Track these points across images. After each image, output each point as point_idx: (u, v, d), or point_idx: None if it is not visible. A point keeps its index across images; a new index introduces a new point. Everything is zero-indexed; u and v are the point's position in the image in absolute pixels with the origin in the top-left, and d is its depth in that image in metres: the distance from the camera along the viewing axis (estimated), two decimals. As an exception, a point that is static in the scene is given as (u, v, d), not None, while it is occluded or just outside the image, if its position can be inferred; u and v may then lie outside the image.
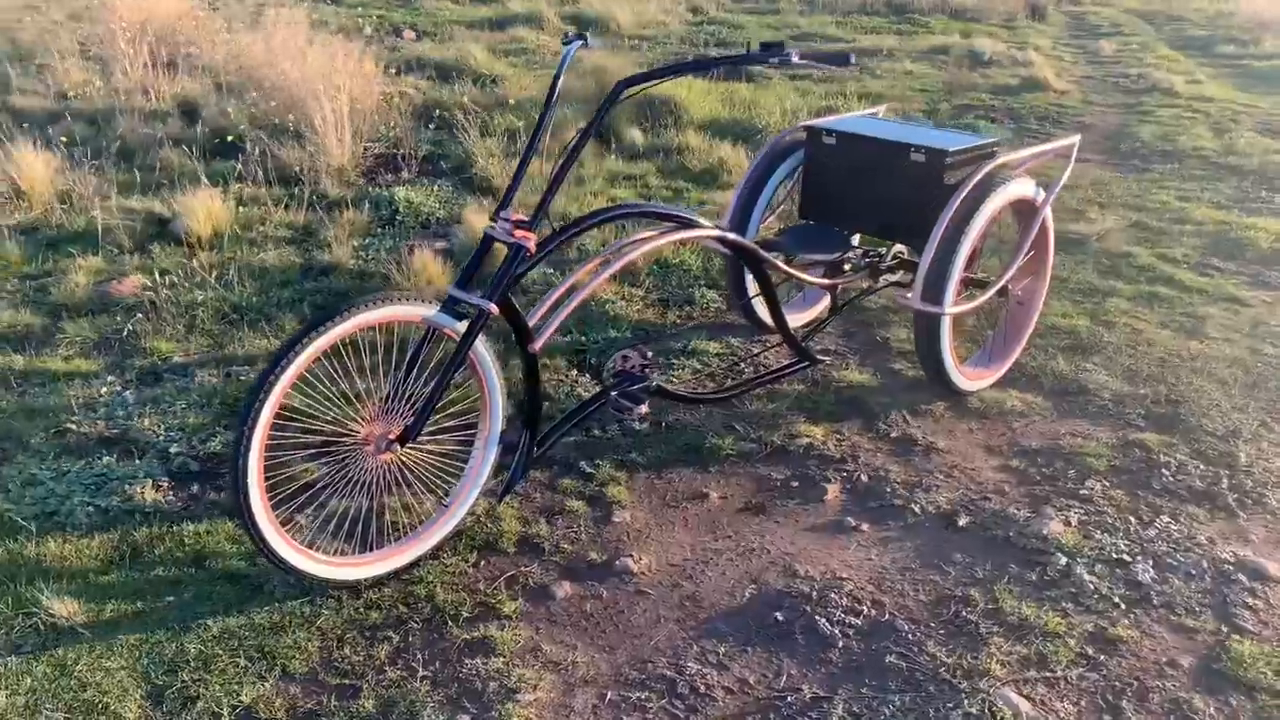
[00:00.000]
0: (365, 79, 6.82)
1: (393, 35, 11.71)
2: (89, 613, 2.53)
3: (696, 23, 13.14)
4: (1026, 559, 2.81)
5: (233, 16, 9.98)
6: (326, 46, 7.44)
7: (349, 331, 2.47)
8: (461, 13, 13.43)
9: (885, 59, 10.76)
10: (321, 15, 11.95)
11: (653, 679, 2.39)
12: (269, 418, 2.39)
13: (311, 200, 5.34)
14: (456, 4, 14.29)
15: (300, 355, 2.39)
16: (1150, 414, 3.59)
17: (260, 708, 2.28)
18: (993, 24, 13.56)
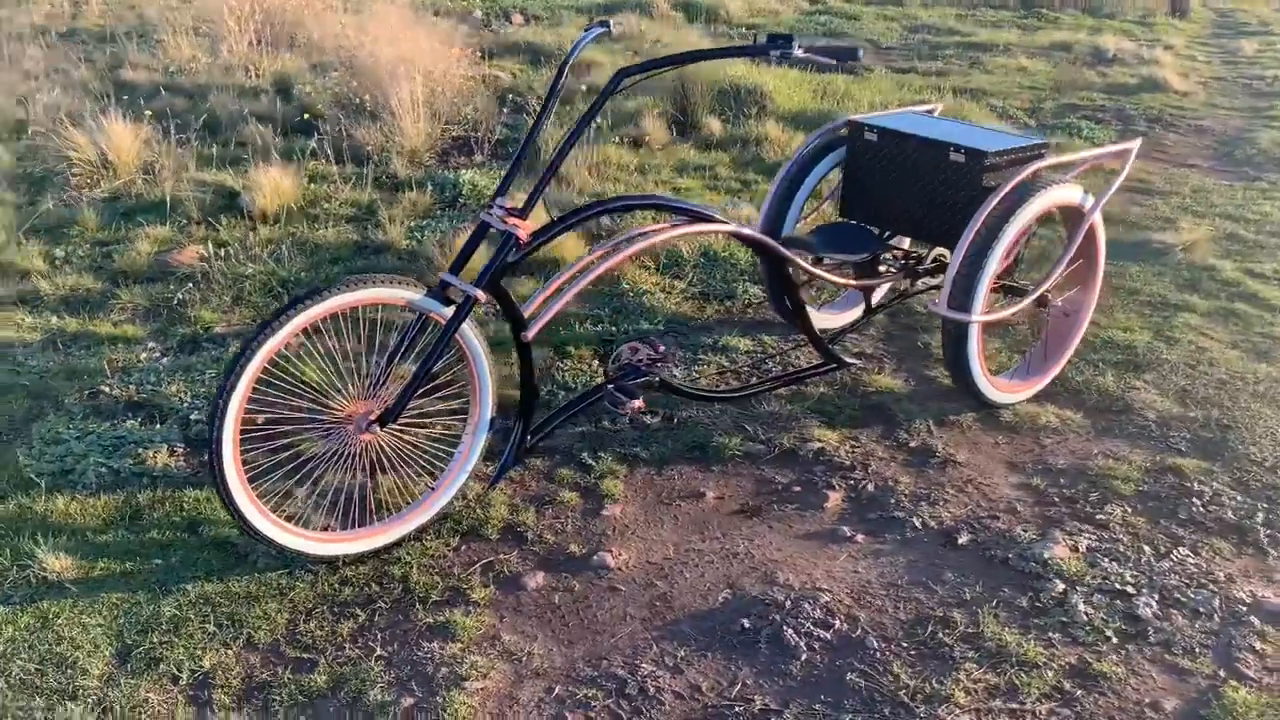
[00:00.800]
0: (451, 61, 6.91)
1: (502, 19, 11.84)
2: (80, 569, 2.63)
3: (810, 12, 12.92)
4: (1021, 583, 2.68)
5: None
6: (420, 28, 7.57)
7: (329, 311, 2.50)
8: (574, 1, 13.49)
9: (1000, 54, 10.39)
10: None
11: (605, 677, 2.36)
12: (245, 391, 2.44)
13: (379, 180, 5.44)
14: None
15: (279, 331, 2.43)
16: (1195, 439, 3.39)
17: (218, 674, 2.34)
18: (1128, 20, 12.97)
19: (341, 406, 2.68)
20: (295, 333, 2.48)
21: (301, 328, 2.48)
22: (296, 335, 2.52)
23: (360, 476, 2.79)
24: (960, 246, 3.21)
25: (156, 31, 8.41)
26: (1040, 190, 3.26)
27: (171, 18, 8.75)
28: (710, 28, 11.70)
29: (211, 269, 4.28)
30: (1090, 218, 3.42)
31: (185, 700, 2.28)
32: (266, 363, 2.48)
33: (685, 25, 11.68)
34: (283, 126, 6.15)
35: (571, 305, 3.89)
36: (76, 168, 5.28)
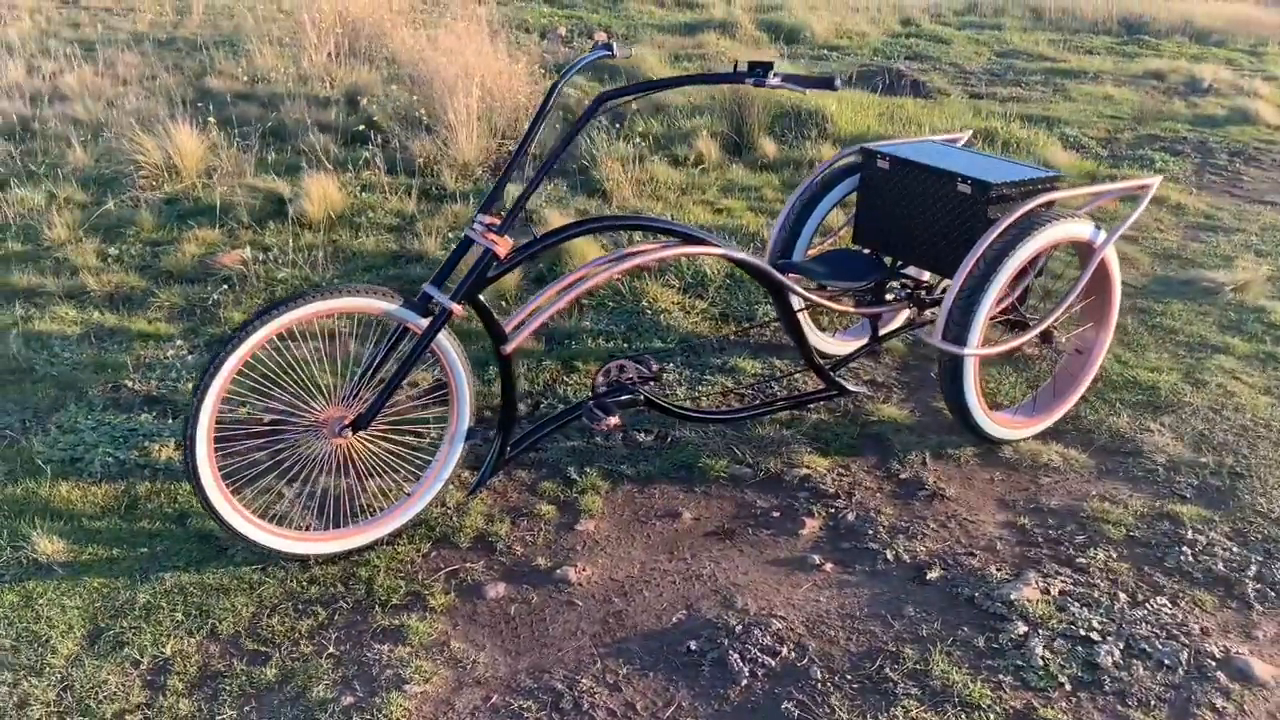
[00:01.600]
0: (514, 77, 7.05)
1: (585, 36, 12.01)
2: (70, 553, 2.78)
3: (902, 35, 12.80)
4: (982, 622, 2.64)
5: (433, 11, 10.52)
6: (493, 44, 7.74)
7: (305, 318, 2.60)
8: (662, 16, 13.61)
9: (1089, 81, 10.16)
10: (521, 15, 12.42)
11: (543, 689, 2.40)
12: (220, 391, 2.55)
13: (428, 191, 5.58)
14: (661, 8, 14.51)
15: (254, 335, 2.54)
16: (1203, 486, 3.28)
17: (176, 661, 2.44)
18: (1235, 49, 12.53)
19: (319, 410, 2.77)
20: (270, 337, 2.58)
21: (277, 332, 2.58)
22: (272, 339, 2.61)
23: (343, 479, 2.87)
24: (958, 278, 3.18)
25: (247, 41, 8.75)
26: (1046, 224, 3.21)
27: (264, 29, 9.11)
28: (790, 49, 11.70)
29: (249, 272, 4.44)
30: (1100, 253, 3.35)
31: (141, 684, 2.38)
32: (242, 364, 2.58)
33: (767, 45, 11.70)
34: (345, 136, 6.35)
35: (587, 321, 3.97)
36: (143, 170, 5.53)
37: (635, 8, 14.37)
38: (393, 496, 2.93)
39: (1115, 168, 6.99)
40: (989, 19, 13.94)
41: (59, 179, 5.55)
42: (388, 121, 6.40)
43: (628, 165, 5.92)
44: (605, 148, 6.19)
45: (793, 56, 11.05)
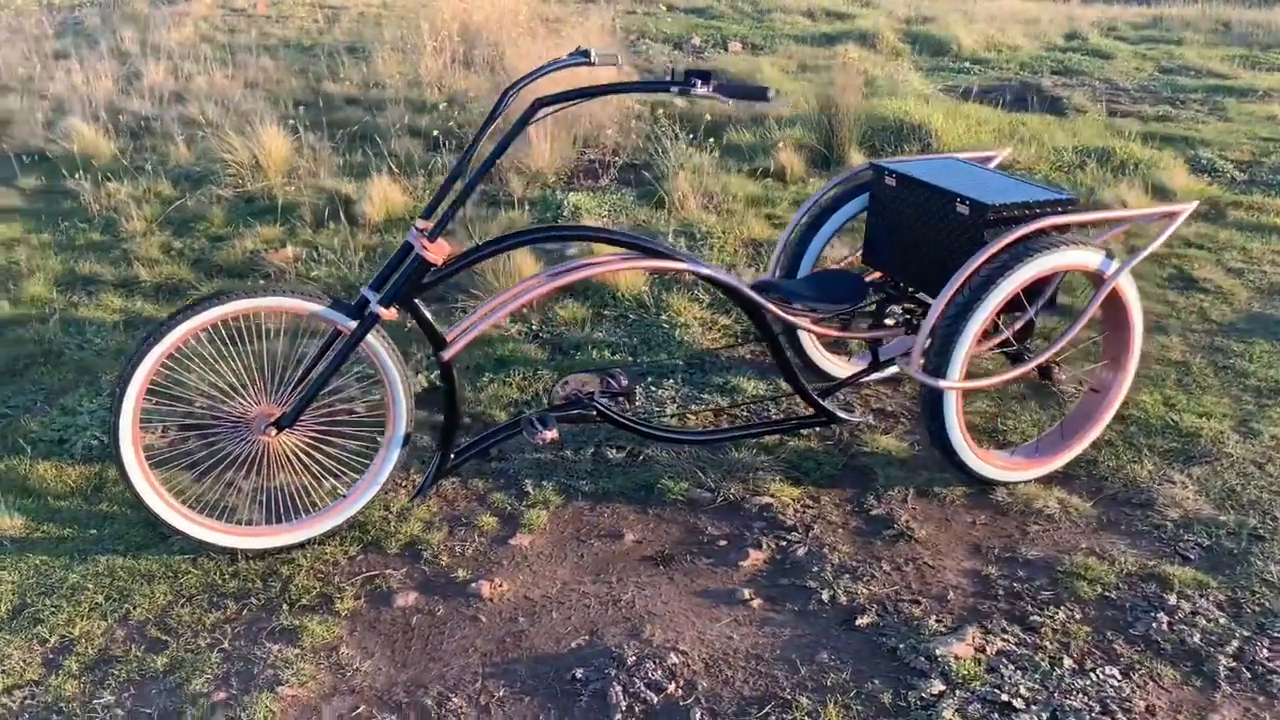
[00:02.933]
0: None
1: (719, 47, 11.93)
2: (25, 529, 2.92)
3: (1059, 48, 12.17)
4: (897, 677, 2.45)
5: (557, 20, 10.68)
6: None
7: (230, 314, 2.66)
8: (807, 27, 13.40)
9: (1255, 100, 9.41)
10: (657, 24, 12.46)
11: (411, 705, 2.37)
12: (143, 382, 2.63)
13: (496, 198, 5.64)
14: (811, 19, 14.29)
15: (175, 330, 2.61)
16: (1212, 547, 2.96)
17: (80, 642, 2.53)
18: None
19: (250, 407, 2.82)
20: (195, 332, 2.64)
21: (202, 327, 2.64)
22: (197, 334, 2.67)
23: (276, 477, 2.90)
24: (938, 303, 2.98)
25: (375, 49, 9.08)
26: (1043, 250, 2.96)
27: (395, 36, 9.43)
28: (933, 60, 11.32)
29: (290, 269, 4.59)
30: (1109, 284, 3.06)
31: (40, 662, 2.48)
32: (166, 357, 2.64)
33: (907, 57, 11.34)
34: (433, 142, 6.49)
35: (600, 332, 3.91)
36: (230, 169, 5.80)
37: (781, 19, 14.19)
38: (325, 498, 2.94)
39: (1245, 194, 6.44)
40: (1169, 33, 13.09)
41: (156, 174, 5.88)
42: (462, 128, 6.49)
43: (702, 176, 5.82)
44: (680, 157, 6.10)
45: (931, 69, 10.67)
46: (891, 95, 8.13)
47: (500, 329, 4.18)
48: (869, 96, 8.17)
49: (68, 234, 5.15)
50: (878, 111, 7.40)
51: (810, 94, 7.80)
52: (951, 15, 13.42)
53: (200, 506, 2.90)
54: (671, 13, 13.98)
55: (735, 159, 6.58)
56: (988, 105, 8.28)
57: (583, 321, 4.26)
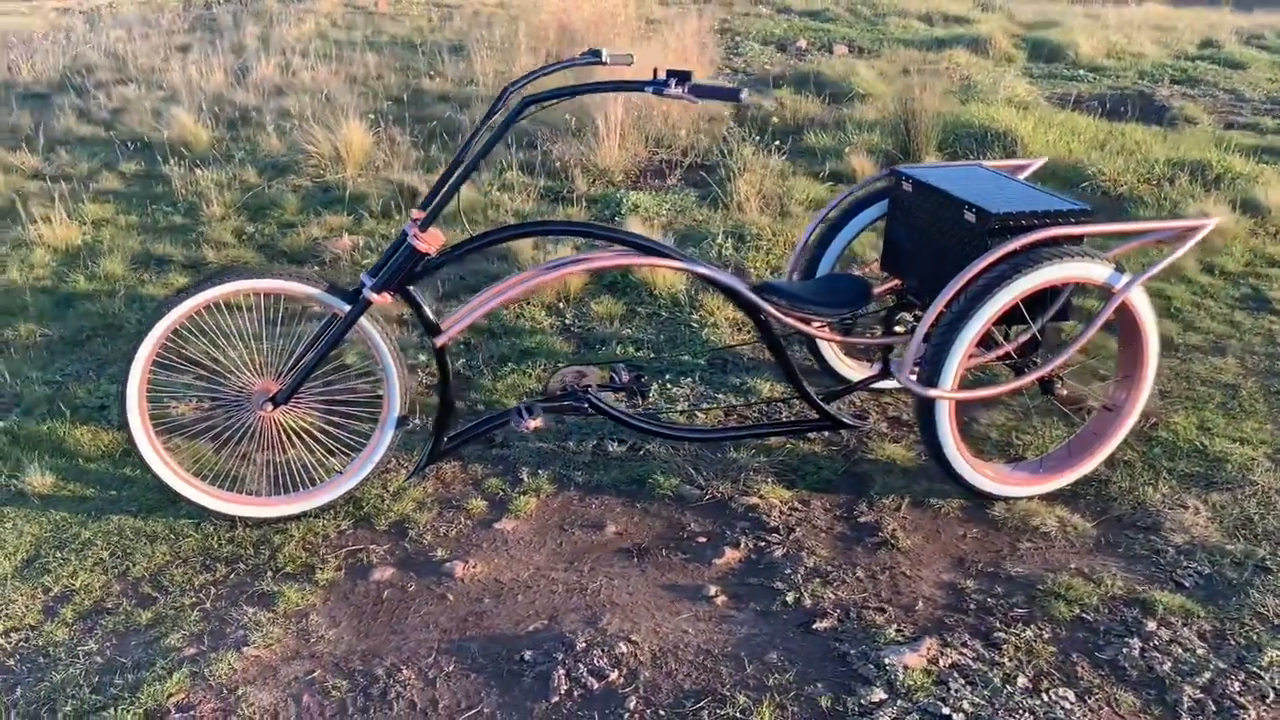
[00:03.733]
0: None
1: (824, 50, 11.83)
2: (53, 488, 3.15)
3: (1188, 56, 11.66)
4: (841, 682, 2.45)
5: (656, 21, 10.76)
6: (704, 52, 7.85)
7: (230, 294, 2.83)
8: (921, 31, 13.18)
9: None
10: (761, 26, 12.43)
11: (363, 673, 2.48)
12: (151, 352, 2.82)
13: (559, 194, 5.75)
14: (929, 25, 14.04)
15: (180, 306, 2.79)
16: (1211, 576, 2.86)
17: (79, 593, 2.73)
18: None
19: (253, 382, 2.97)
20: (199, 308, 2.81)
21: (204, 305, 2.81)
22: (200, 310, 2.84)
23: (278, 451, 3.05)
24: (931, 310, 2.95)
25: (476, 47, 9.31)
26: (1046, 260, 2.90)
27: (501, 35, 9.66)
28: (1047, 67, 11.01)
29: (345, 257, 4.79)
30: (1117, 299, 2.98)
31: (40, 609, 2.68)
32: (172, 331, 2.82)
33: (1020, 63, 11.05)
34: (511, 140, 6.64)
35: (628, 329, 3.98)
36: (312, 159, 6.06)
37: (897, 23, 13.98)
38: (322, 473, 3.08)
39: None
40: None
41: (244, 163, 6.18)
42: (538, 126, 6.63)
43: (769, 178, 5.81)
44: (747, 159, 6.11)
45: (1041, 75, 10.38)
46: (982, 101, 7.95)
47: (533, 322, 4.28)
48: (965, 101, 8.01)
49: (153, 216, 5.47)
50: (963, 117, 7.26)
51: (897, 98, 7.69)
52: (1076, 21, 13.00)
53: (206, 475, 3.07)
54: (784, 15, 13.93)
55: (808, 162, 6.55)
56: (1089, 113, 8.01)
57: (616, 317, 4.33)
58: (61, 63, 8.91)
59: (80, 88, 8.07)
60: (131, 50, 9.44)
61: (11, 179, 6.05)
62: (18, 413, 3.50)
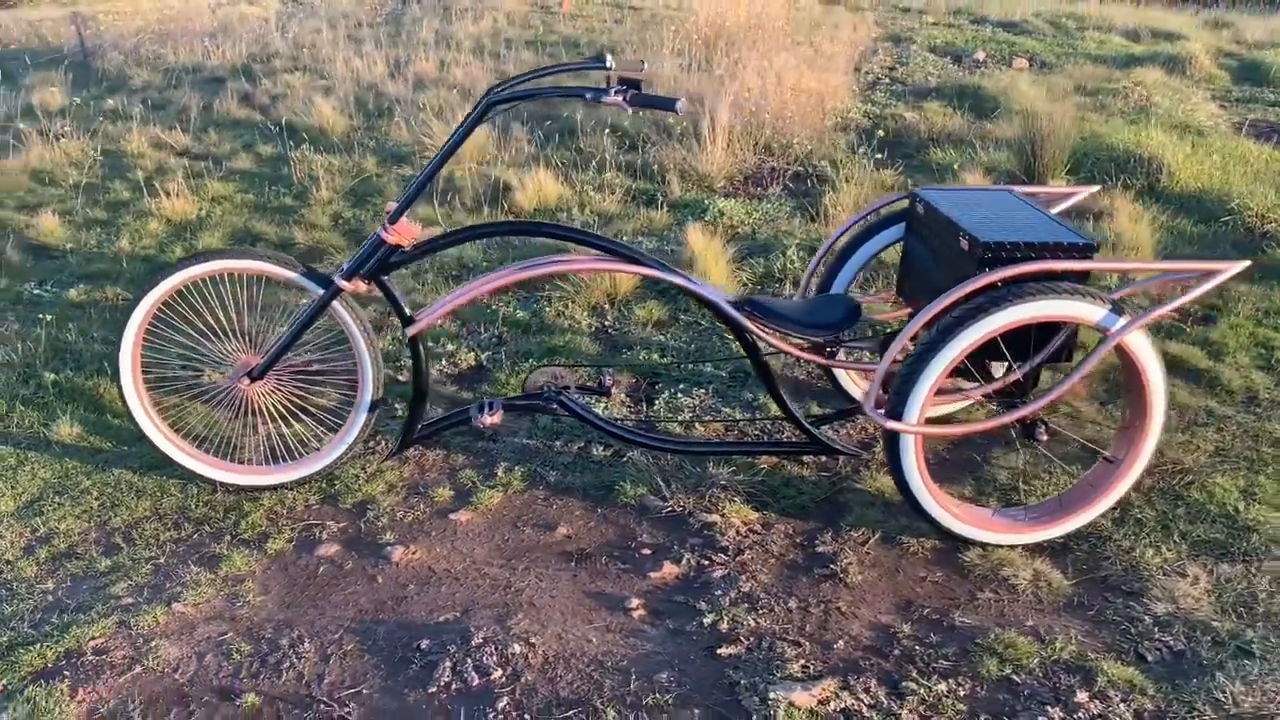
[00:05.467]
0: (814, 96, 7.01)
1: (1002, 64, 11.35)
2: (76, 439, 3.44)
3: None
4: (718, 711, 2.39)
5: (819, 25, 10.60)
6: (833, 59, 7.72)
7: (212, 272, 3.01)
8: (1118, 47, 12.46)
9: None
10: (943, 36, 12.03)
11: (269, 641, 2.60)
12: (140, 324, 3.03)
13: (652, 196, 5.77)
14: (1134, 40, 13.23)
15: (166, 281, 2.99)
16: (1181, 653, 2.61)
17: (59, 537, 2.99)
18: None
19: (239, 354, 3.15)
20: (185, 283, 3.01)
21: (190, 281, 3.00)
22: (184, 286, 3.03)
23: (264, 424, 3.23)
24: (898, 340, 2.82)
25: (628, 49, 9.44)
26: (1030, 295, 2.72)
27: (654, 38, 9.76)
28: (1253, 91, 10.21)
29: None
30: (1111, 342, 2.76)
31: (20, 546, 2.94)
32: (160, 305, 3.03)
33: (1224, 85, 10.27)
34: (630, 140, 6.71)
35: (661, 335, 3.99)
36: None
37: (1094, 37, 13.25)
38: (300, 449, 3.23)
39: None
40: None
41: (367, 152, 6.51)
42: (644, 126, 6.66)
43: (872, 192, 5.65)
44: (857, 171, 5.96)
45: (1241, 99, 9.63)
46: (1139, 123, 7.44)
47: (572, 320, 4.33)
48: (1133, 122, 7.52)
49: (267, 196, 5.84)
50: (1108, 139, 6.83)
51: (1055, 116, 7.30)
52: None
53: (197, 440, 3.26)
54: (977, 25, 13.43)
55: (923, 177, 6.31)
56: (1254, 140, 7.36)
57: (654, 322, 4.32)
58: (248, 50, 9.59)
59: (252, 74, 8.67)
60: (316, 41, 10.06)
61: (160, 155, 6.58)
62: (72, 367, 3.81)
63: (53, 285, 4.77)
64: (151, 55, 9.52)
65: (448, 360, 3.98)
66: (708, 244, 4.70)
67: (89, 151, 6.56)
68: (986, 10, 14.31)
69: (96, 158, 6.53)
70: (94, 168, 6.38)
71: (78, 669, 2.49)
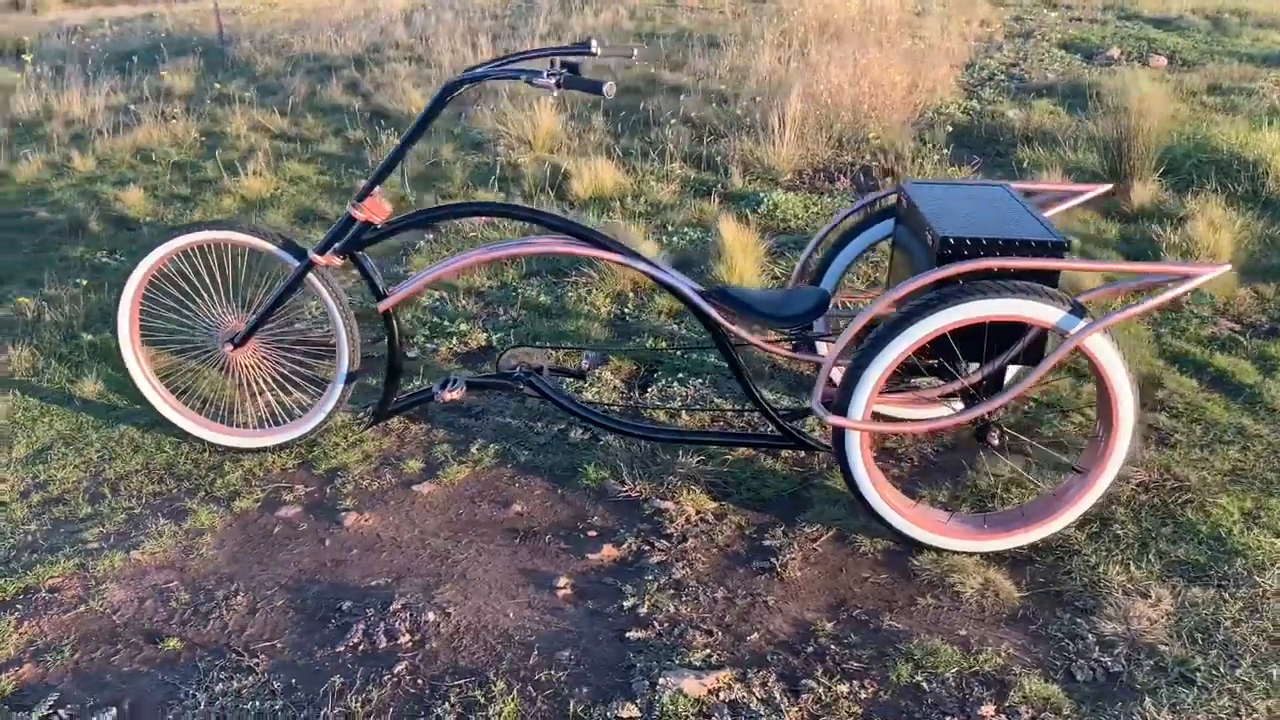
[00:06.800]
0: (900, 90, 6.86)
1: (1138, 61, 10.82)
2: (98, 395, 3.69)
3: None
4: (606, 692, 2.40)
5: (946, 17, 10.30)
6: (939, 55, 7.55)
7: (197, 242, 3.18)
8: (1274, 44, 11.70)
9: None
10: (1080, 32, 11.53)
11: (207, 592, 2.75)
12: (138, 287, 3.23)
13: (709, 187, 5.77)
14: (1292, 33, 12.40)
15: (160, 248, 3.18)
16: (1116, 675, 2.47)
17: (54, 484, 3.23)
18: None
19: (228, 319, 3.32)
20: (175, 253, 3.19)
21: (180, 249, 3.18)
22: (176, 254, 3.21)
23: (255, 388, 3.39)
24: (844, 335, 2.77)
25: (731, 42, 9.40)
26: (981, 294, 2.63)
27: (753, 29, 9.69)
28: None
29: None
30: (1068, 345, 2.63)
31: (20, 490, 3.19)
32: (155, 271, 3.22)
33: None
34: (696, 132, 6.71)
35: (676, 325, 4.01)
36: (503, 138, 6.48)
37: (1252, 35, 12.48)
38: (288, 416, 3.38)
39: None
40: None
41: (450, 138, 6.70)
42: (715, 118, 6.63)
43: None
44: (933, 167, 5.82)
45: None
46: (1259, 125, 6.97)
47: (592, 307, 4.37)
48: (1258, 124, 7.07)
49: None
50: (1211, 140, 6.45)
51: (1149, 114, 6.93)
52: None
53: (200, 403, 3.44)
54: (1128, 21, 12.81)
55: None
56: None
57: (675, 311, 4.31)
58: (369, 40, 9.97)
59: (364, 63, 9.01)
60: (437, 32, 10.37)
61: (256, 137, 6.93)
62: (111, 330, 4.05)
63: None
64: (280, 44, 10.00)
65: (458, 340, 4.07)
66: (740, 236, 4.66)
67: (191, 132, 6.95)
68: (1140, 6, 13.61)
69: (197, 138, 6.92)
70: (193, 147, 6.76)
71: (30, 604, 2.68)
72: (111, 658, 2.51)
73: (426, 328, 4.18)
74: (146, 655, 2.52)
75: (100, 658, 2.51)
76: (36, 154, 6.75)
